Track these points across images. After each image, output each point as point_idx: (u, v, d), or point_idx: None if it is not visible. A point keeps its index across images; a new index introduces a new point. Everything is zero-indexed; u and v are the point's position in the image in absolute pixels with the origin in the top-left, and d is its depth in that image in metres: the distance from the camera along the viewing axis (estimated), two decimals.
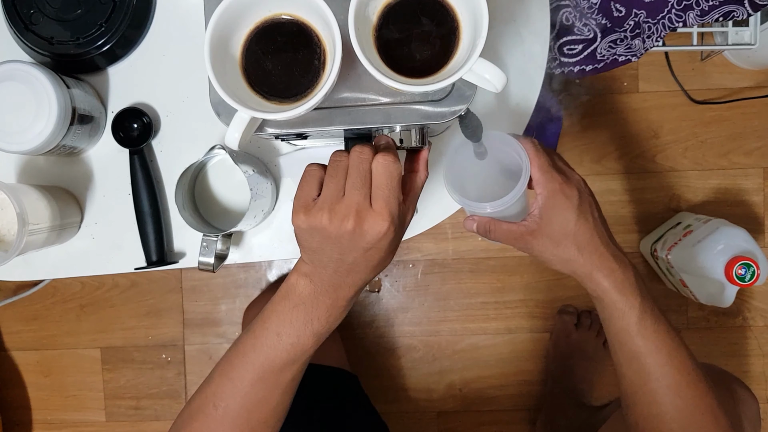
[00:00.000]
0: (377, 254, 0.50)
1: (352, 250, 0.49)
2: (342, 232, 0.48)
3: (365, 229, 0.48)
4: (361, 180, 0.48)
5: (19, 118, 0.66)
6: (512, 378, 1.36)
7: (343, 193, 0.49)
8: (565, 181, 0.59)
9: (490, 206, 0.57)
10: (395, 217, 0.48)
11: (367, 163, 0.49)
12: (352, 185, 0.48)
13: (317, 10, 0.48)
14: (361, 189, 0.48)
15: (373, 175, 0.49)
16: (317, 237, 0.50)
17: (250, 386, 0.55)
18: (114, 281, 1.38)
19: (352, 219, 0.48)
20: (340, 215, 0.48)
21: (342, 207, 0.48)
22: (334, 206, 0.48)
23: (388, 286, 1.37)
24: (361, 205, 0.48)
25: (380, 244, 0.49)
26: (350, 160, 0.50)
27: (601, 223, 0.61)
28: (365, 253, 0.50)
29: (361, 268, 0.51)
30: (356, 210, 0.48)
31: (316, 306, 0.52)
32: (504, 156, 0.60)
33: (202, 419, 0.56)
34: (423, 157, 0.55)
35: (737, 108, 1.30)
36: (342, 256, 0.50)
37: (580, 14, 0.91)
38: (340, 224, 0.48)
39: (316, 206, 0.49)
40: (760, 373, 1.34)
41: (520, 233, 0.60)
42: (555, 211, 0.59)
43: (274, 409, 0.56)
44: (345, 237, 0.48)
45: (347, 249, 0.49)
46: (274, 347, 0.53)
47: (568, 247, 0.59)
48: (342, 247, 0.49)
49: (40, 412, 1.41)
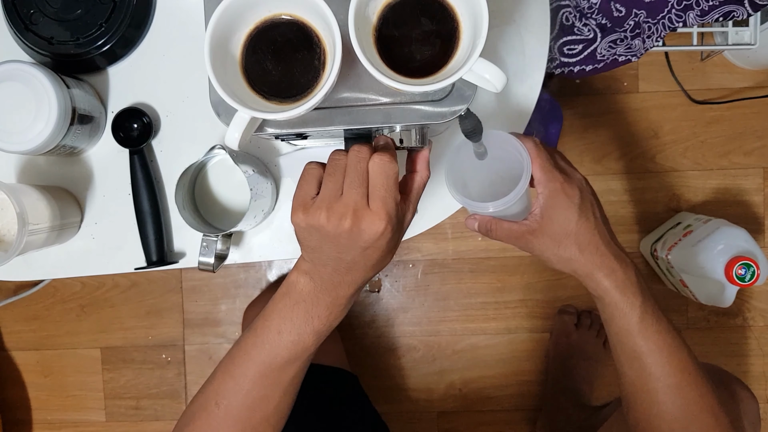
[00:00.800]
0: (376, 253, 0.50)
1: (350, 248, 0.49)
2: (340, 231, 0.48)
3: (362, 229, 0.48)
4: (359, 179, 0.48)
5: (19, 118, 0.66)
6: (512, 378, 1.36)
7: (342, 192, 0.49)
8: (566, 180, 0.59)
9: (492, 206, 0.57)
10: (392, 216, 0.48)
11: (364, 162, 0.49)
12: (349, 184, 0.49)
13: (317, 10, 0.48)
14: (359, 188, 0.48)
15: (370, 175, 0.49)
16: (316, 235, 0.50)
17: (251, 384, 0.55)
18: (114, 281, 1.38)
19: (350, 218, 0.48)
20: (338, 214, 0.48)
21: (340, 206, 0.48)
22: (332, 205, 0.48)
23: (388, 286, 1.37)
24: (359, 204, 0.48)
25: (378, 243, 0.49)
26: (348, 160, 0.50)
27: (603, 223, 0.61)
28: (363, 251, 0.50)
29: (359, 266, 0.51)
30: (354, 209, 0.48)
31: (316, 304, 0.53)
32: (505, 155, 0.60)
33: (205, 417, 0.56)
34: (423, 157, 0.54)
35: (737, 108, 1.30)
36: (340, 255, 0.50)
37: (580, 14, 0.91)
38: (338, 223, 0.48)
39: (314, 205, 0.49)
40: (760, 373, 1.34)
41: (521, 232, 0.60)
42: (556, 210, 0.59)
43: (276, 407, 0.56)
44: (343, 236, 0.48)
45: (345, 248, 0.49)
46: (275, 345, 0.54)
47: (569, 247, 0.59)
48: (340, 245, 0.49)
49: (40, 412, 1.41)
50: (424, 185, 0.54)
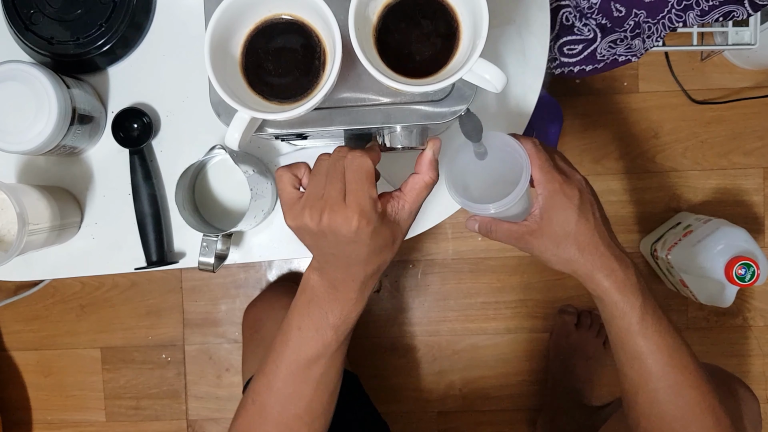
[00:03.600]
0: (362, 248, 0.51)
1: (337, 244, 0.50)
2: (321, 228, 0.50)
3: (339, 223, 0.49)
4: (336, 177, 0.50)
5: (19, 118, 0.66)
6: (512, 378, 1.36)
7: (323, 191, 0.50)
8: (565, 180, 0.59)
9: (493, 207, 0.57)
10: (366, 210, 0.49)
11: (342, 160, 0.50)
12: (327, 182, 0.50)
13: (317, 10, 0.48)
14: (335, 185, 0.50)
15: (345, 172, 0.50)
16: (307, 234, 0.52)
17: (281, 381, 0.57)
18: (114, 281, 1.38)
19: (326, 214, 0.49)
20: (318, 211, 0.49)
21: (319, 203, 0.50)
22: (313, 203, 0.50)
23: (388, 286, 1.37)
24: (334, 200, 0.49)
25: (359, 237, 0.49)
26: (329, 160, 0.51)
27: (603, 223, 0.61)
28: (349, 246, 0.50)
29: (353, 261, 0.52)
30: (330, 205, 0.49)
31: (328, 299, 0.54)
32: (506, 156, 0.60)
33: (244, 414, 0.60)
34: (424, 158, 0.54)
35: (737, 108, 1.30)
36: (334, 251, 0.51)
37: (580, 14, 0.91)
38: (319, 220, 0.49)
39: (299, 204, 0.51)
40: (760, 373, 1.34)
41: (521, 233, 0.60)
42: (555, 211, 0.59)
43: (308, 405, 0.57)
44: (325, 232, 0.50)
45: (333, 244, 0.51)
46: (297, 341, 0.55)
47: (569, 247, 0.59)
48: (328, 242, 0.51)
49: (40, 412, 1.41)
50: (426, 186, 0.53)
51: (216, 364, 1.37)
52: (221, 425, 1.37)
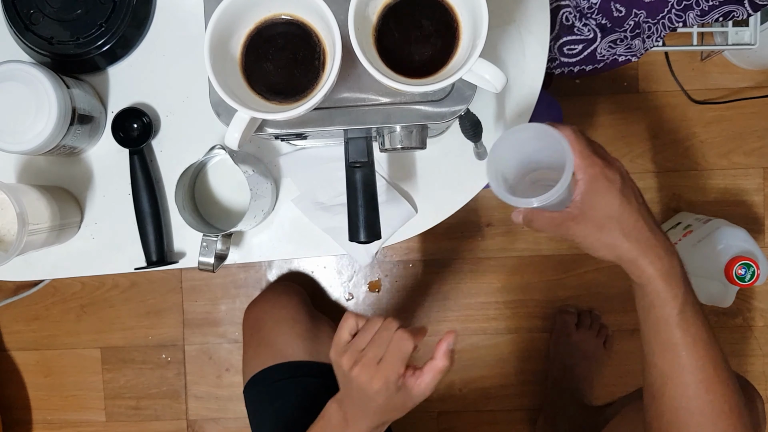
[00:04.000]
0: (376, 404, 0.61)
1: (358, 390, 0.61)
2: (353, 376, 0.61)
3: (364, 380, 0.60)
4: (379, 344, 0.61)
5: (19, 118, 0.66)
6: (512, 378, 1.36)
7: (366, 346, 0.61)
8: (606, 165, 0.57)
9: (536, 201, 0.55)
10: (390, 382, 0.60)
11: (390, 332, 0.61)
12: (372, 343, 0.61)
13: (317, 10, 0.48)
14: (377, 350, 0.61)
15: (390, 344, 0.61)
16: (340, 372, 0.63)
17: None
18: (114, 281, 1.38)
19: (358, 367, 0.60)
20: (353, 361, 0.61)
21: (357, 356, 0.61)
22: (353, 353, 0.61)
23: (388, 286, 1.37)
24: (369, 360, 0.60)
25: (376, 396, 0.60)
26: (381, 326, 0.62)
27: (646, 209, 0.59)
28: (366, 397, 0.61)
29: (369, 407, 0.62)
30: (364, 362, 0.60)
31: (343, 429, 0.64)
32: (544, 145, 0.58)
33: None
34: (440, 349, 0.63)
35: (737, 108, 1.30)
36: (357, 393, 0.62)
37: (580, 14, 0.91)
38: (350, 368, 0.61)
39: (343, 348, 0.62)
40: (760, 373, 1.34)
41: (562, 219, 0.58)
42: (597, 195, 0.57)
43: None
44: (354, 380, 0.61)
45: (355, 389, 0.61)
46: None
47: (613, 231, 0.57)
48: (352, 386, 0.61)
49: (40, 411, 1.41)
50: (440, 371, 0.62)
51: (216, 364, 1.37)
52: (221, 425, 1.37)
